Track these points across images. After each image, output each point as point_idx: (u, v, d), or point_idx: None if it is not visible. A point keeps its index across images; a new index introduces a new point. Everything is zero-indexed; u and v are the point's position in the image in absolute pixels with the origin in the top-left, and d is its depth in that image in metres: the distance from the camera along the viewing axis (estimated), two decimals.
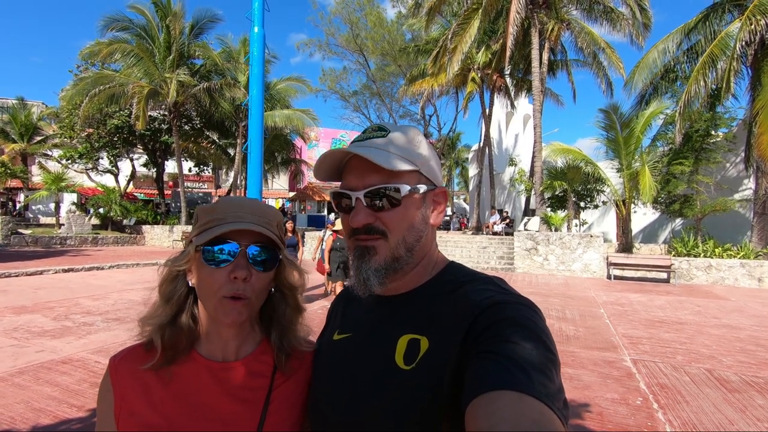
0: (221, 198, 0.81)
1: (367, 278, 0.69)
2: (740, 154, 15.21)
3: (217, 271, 0.72)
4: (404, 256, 0.70)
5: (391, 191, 0.68)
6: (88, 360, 4.43)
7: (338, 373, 0.74)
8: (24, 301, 7.31)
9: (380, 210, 0.68)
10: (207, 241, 0.73)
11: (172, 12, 19.44)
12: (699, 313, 7.91)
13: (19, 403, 3.39)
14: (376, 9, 29.19)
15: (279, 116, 21.03)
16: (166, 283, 0.78)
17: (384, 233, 0.69)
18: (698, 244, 13.72)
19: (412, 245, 0.70)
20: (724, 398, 3.84)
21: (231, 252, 0.73)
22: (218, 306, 0.73)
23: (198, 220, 0.78)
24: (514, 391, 0.48)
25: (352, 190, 0.70)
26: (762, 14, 12.09)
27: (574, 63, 20.40)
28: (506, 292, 0.66)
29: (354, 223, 0.69)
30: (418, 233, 0.71)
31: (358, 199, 0.69)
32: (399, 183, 0.68)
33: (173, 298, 0.77)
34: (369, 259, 0.69)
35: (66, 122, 22.13)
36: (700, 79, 13.11)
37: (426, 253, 0.74)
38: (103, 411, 0.75)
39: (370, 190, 0.68)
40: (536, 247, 14.32)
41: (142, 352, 0.76)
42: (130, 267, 12.71)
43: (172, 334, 0.75)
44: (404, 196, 0.68)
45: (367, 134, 0.73)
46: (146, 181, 30.36)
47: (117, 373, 0.75)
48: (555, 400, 0.49)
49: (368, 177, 0.69)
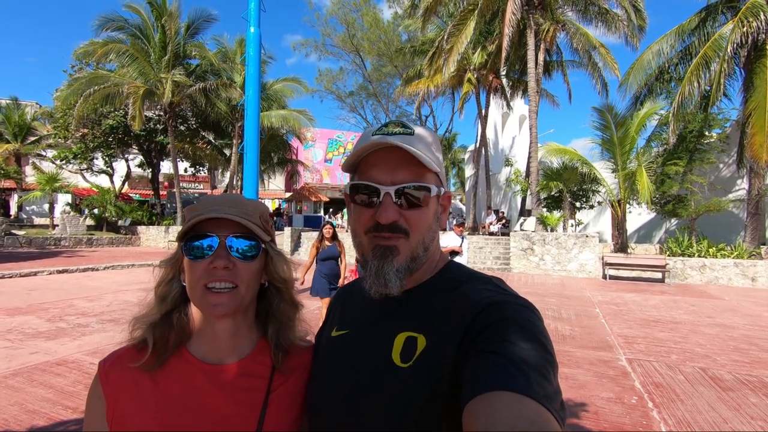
0: (207, 196, 0.82)
1: (389, 279, 0.68)
2: (733, 155, 15.35)
3: (198, 263, 0.73)
4: (421, 256, 0.70)
5: (421, 190, 0.67)
6: (83, 361, 4.41)
7: (336, 369, 0.74)
8: (18, 303, 7.25)
9: (405, 208, 0.68)
10: (189, 237, 0.74)
11: (168, 12, 19.36)
12: (693, 312, 7.97)
13: (13, 405, 3.36)
14: (373, 9, 29.25)
15: (275, 116, 21.01)
16: (163, 284, 0.79)
17: (407, 232, 0.68)
18: (692, 244, 13.81)
19: (428, 246, 0.71)
20: (718, 397, 3.87)
21: (210, 244, 0.74)
22: (203, 297, 0.73)
23: (184, 220, 0.80)
24: (512, 392, 0.49)
25: (380, 184, 0.68)
26: (754, 16, 12.21)
27: (569, 64, 20.51)
28: (505, 292, 0.67)
29: (383, 219, 0.67)
30: (434, 234, 0.72)
31: (387, 195, 0.67)
32: (427, 182, 0.68)
33: (168, 297, 0.78)
34: (392, 259, 0.68)
35: (60, 122, 21.95)
36: (694, 81, 13.21)
37: (433, 253, 0.75)
38: (94, 416, 0.74)
39: (404, 186, 0.67)
40: (532, 247, 14.37)
41: (133, 354, 0.76)
42: (125, 268, 12.64)
43: (162, 331, 0.75)
44: (430, 196, 0.68)
45: (390, 129, 0.71)
46: (141, 181, 30.17)
47: (108, 378, 0.74)
48: (552, 401, 0.50)
49: (398, 172, 0.67)
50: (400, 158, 0.66)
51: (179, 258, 0.78)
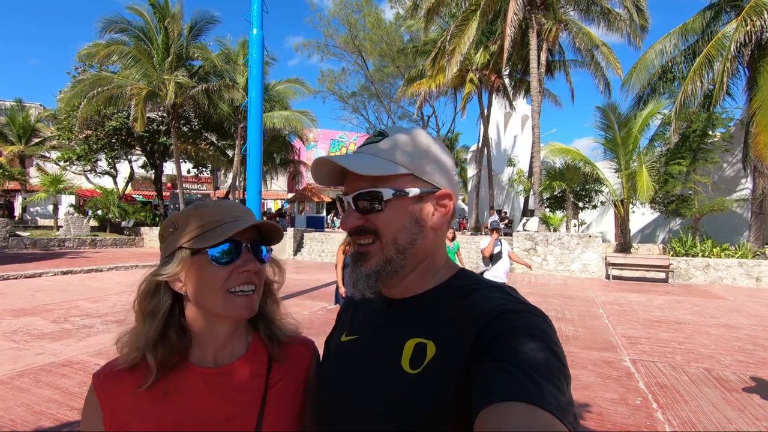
0: (203, 202, 0.82)
1: (358, 281, 0.70)
2: (737, 154, 15.28)
3: (223, 268, 0.74)
4: (396, 258, 0.69)
5: (373, 195, 0.69)
6: (88, 363, 4.44)
7: (344, 374, 0.74)
8: (23, 304, 7.30)
9: (367, 212, 0.70)
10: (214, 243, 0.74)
11: (171, 13, 19.41)
12: (697, 312, 7.94)
13: (20, 406, 3.38)
14: (375, 10, 29.28)
15: (278, 117, 21.04)
16: (148, 298, 0.76)
17: (376, 233, 0.70)
18: (696, 244, 13.75)
19: (404, 248, 0.70)
20: (723, 397, 3.86)
21: (237, 249, 0.76)
22: (227, 302, 0.74)
23: (185, 227, 0.76)
24: (524, 402, 0.48)
25: (344, 194, 0.74)
26: (758, 15, 12.15)
27: (572, 64, 20.44)
28: (517, 300, 0.66)
29: (343, 226, 0.72)
30: (411, 236, 0.70)
31: (348, 203, 0.72)
32: (384, 187, 0.68)
33: (159, 312, 0.75)
34: (362, 263, 0.71)
35: (64, 124, 22.06)
36: (697, 80, 13.18)
37: (426, 257, 0.73)
38: (91, 428, 0.73)
39: (357, 194, 0.70)
40: (535, 247, 14.35)
41: (127, 375, 0.73)
42: (129, 269, 12.69)
43: (165, 351, 0.73)
44: (388, 199, 0.69)
45: (368, 140, 0.76)
46: (145, 182, 30.29)
47: (103, 390, 0.73)
48: (566, 413, 0.49)
49: (357, 182, 0.71)
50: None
51: (184, 265, 0.74)
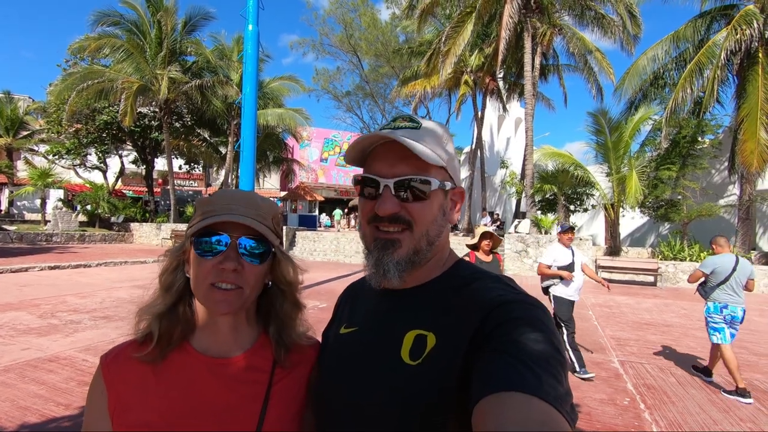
0: (219, 190, 0.81)
1: (388, 270, 0.69)
2: (725, 161, 15.52)
3: (207, 261, 0.73)
4: (425, 249, 0.70)
5: (421, 183, 0.68)
6: (76, 358, 4.37)
7: (344, 366, 0.74)
8: (9, 299, 7.17)
9: (407, 201, 0.68)
10: (200, 232, 0.74)
11: (164, 8, 19.24)
12: (685, 315, 8.05)
13: (5, 401, 3.33)
14: (371, 10, 29.22)
15: (271, 115, 20.94)
16: (167, 273, 0.78)
17: (410, 224, 0.69)
18: (684, 248, 13.94)
19: (433, 240, 0.71)
20: (709, 399, 3.93)
21: (221, 243, 0.74)
22: (207, 295, 0.73)
23: (195, 212, 0.79)
24: (523, 392, 0.48)
25: (380, 177, 0.69)
26: (748, 24, 12.35)
27: (565, 68, 20.64)
28: (516, 291, 0.67)
29: (381, 212, 0.68)
30: (440, 228, 0.71)
31: (387, 187, 0.68)
32: (429, 176, 0.68)
33: (173, 287, 0.77)
34: (393, 251, 0.69)
35: (53, 117, 21.74)
36: (687, 87, 13.35)
37: (441, 250, 0.75)
38: (95, 410, 0.73)
39: (401, 179, 0.68)
40: (526, 249, 14.44)
41: (135, 347, 0.76)
42: (117, 265, 12.53)
43: (169, 323, 0.75)
44: (432, 190, 0.68)
45: (397, 123, 0.72)
46: (135, 178, 29.92)
47: (110, 371, 0.74)
48: (563, 402, 0.49)
49: (398, 166, 0.68)
50: (402, 152, 0.67)
51: (186, 249, 0.78)
